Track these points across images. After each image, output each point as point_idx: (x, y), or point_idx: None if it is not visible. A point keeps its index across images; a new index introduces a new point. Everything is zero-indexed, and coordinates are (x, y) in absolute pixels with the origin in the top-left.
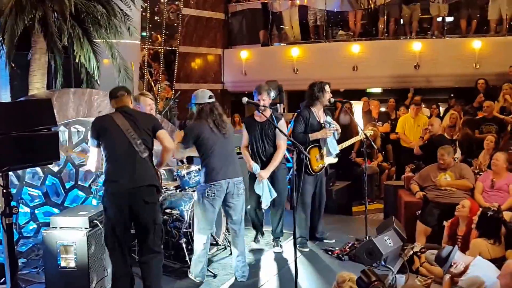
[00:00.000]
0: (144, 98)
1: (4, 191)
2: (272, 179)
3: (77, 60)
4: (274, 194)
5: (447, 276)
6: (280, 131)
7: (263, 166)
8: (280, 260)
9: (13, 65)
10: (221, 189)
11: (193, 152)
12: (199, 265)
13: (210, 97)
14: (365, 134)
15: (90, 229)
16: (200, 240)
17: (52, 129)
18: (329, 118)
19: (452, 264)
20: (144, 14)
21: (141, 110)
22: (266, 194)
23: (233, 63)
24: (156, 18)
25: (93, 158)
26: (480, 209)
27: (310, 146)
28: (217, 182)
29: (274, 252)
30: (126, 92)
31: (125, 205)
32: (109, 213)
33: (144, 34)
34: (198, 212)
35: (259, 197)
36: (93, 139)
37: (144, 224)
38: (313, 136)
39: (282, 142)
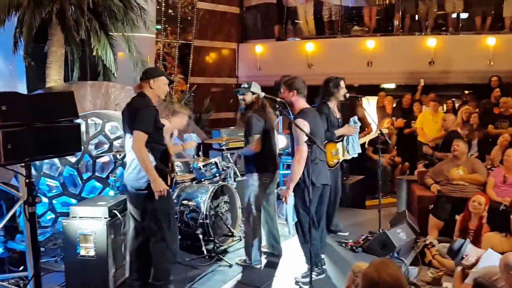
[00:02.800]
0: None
1: (27, 181)
2: None
3: (94, 53)
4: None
5: (459, 268)
6: (297, 126)
7: None
8: (294, 250)
9: (29, 59)
10: (276, 177)
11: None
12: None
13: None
14: (380, 131)
15: (109, 218)
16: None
17: (74, 121)
18: (356, 118)
19: (464, 256)
20: (158, 7)
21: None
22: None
23: (248, 57)
24: (170, 11)
25: None
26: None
27: (326, 141)
28: (274, 171)
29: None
30: (144, 76)
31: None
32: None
33: (158, 27)
34: (253, 197)
35: None
36: None
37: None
38: (338, 132)
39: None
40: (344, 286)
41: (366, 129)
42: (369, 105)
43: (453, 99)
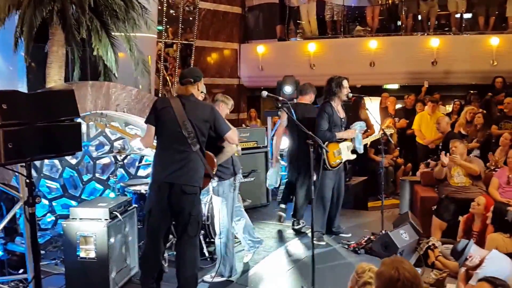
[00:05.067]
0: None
1: (27, 181)
2: None
3: (95, 53)
4: None
5: (463, 269)
6: (298, 124)
7: None
8: (297, 252)
9: (29, 59)
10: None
11: None
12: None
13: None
14: (385, 133)
15: (110, 220)
16: (232, 237)
17: (75, 120)
18: (364, 124)
19: (468, 257)
20: (160, 8)
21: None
22: None
23: (250, 58)
24: (172, 11)
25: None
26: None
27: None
28: (240, 174)
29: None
30: (193, 80)
31: (164, 194)
32: (150, 196)
33: (160, 27)
34: (228, 207)
35: None
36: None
37: (180, 214)
38: (340, 135)
39: None
40: (347, 287)
41: (369, 130)
42: (370, 103)
43: (455, 100)
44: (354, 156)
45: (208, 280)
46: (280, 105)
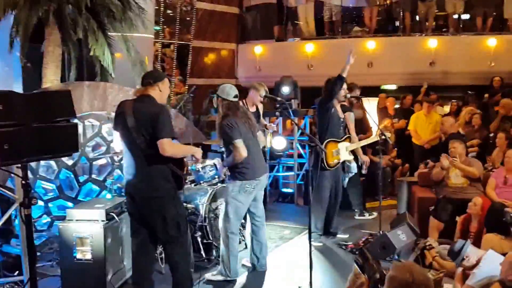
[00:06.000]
0: (262, 89)
1: (23, 182)
2: None
3: (91, 53)
4: None
5: (459, 269)
6: (296, 124)
7: None
8: (294, 253)
9: (25, 60)
10: (260, 184)
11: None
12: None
13: (235, 96)
14: (383, 134)
15: (106, 221)
16: (235, 239)
17: (71, 120)
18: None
19: (465, 257)
20: (157, 8)
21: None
22: None
23: (247, 58)
24: (169, 12)
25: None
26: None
27: (327, 141)
28: (258, 178)
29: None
30: (152, 81)
31: (132, 204)
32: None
33: (157, 28)
34: (232, 209)
35: None
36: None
37: (154, 221)
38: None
39: None
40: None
41: (367, 132)
42: (368, 104)
43: (453, 100)
44: (352, 157)
45: (210, 277)
46: (278, 106)
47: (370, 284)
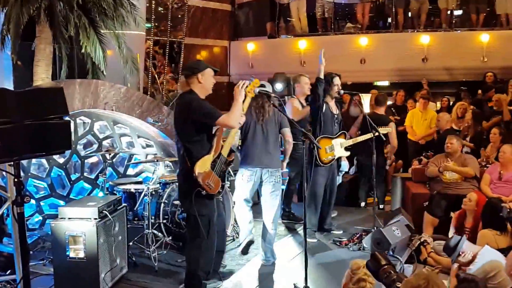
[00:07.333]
0: (303, 78)
1: (15, 180)
2: None
3: (83, 51)
4: None
5: (455, 265)
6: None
7: None
8: (289, 250)
9: (16, 57)
10: (254, 175)
11: None
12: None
13: None
14: (378, 132)
15: (99, 219)
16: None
17: (64, 118)
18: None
19: (460, 253)
20: (148, 5)
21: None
22: None
23: (240, 55)
24: (160, 9)
25: None
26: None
27: (320, 137)
28: (251, 168)
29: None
30: (191, 72)
31: None
32: None
33: (148, 25)
34: (235, 194)
35: None
36: None
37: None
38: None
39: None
40: (341, 283)
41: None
42: (363, 100)
43: (446, 96)
44: (347, 153)
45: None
46: (271, 101)
47: None
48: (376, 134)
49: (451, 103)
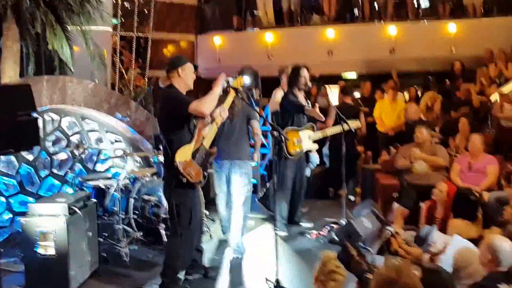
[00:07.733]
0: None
1: None
2: None
3: (50, 48)
4: None
5: (426, 255)
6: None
7: None
8: (258, 243)
9: None
10: (223, 168)
11: None
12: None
13: None
14: (347, 123)
15: (69, 216)
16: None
17: (32, 115)
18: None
19: (431, 243)
20: (114, 1)
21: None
22: None
23: (207, 49)
24: (126, 5)
25: None
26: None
27: (287, 129)
28: (219, 160)
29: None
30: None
31: None
32: None
33: (115, 21)
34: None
35: None
36: None
37: None
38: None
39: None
40: (313, 275)
41: (328, 119)
42: (330, 92)
43: (414, 86)
44: (316, 146)
45: None
46: (239, 94)
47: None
48: (347, 128)
49: (419, 93)
